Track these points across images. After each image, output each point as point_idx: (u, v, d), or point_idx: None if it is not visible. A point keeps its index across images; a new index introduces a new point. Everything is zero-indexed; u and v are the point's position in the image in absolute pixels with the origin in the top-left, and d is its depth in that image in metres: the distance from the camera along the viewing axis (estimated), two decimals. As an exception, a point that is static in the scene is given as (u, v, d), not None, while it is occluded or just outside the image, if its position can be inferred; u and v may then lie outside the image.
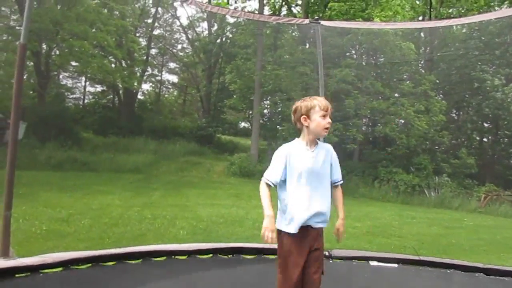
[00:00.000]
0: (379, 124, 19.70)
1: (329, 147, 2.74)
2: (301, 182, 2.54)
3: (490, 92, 19.98)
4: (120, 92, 25.36)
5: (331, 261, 3.83)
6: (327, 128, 2.61)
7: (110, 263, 3.06)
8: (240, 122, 32.13)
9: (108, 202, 8.94)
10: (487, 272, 3.62)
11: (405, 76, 21.44)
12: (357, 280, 3.41)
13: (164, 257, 3.27)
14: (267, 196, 2.48)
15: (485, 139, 24.52)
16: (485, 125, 23.86)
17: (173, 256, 3.35)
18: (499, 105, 19.91)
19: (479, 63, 21.11)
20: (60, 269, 2.80)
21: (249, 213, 9.27)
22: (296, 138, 2.72)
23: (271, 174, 2.57)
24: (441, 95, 23.57)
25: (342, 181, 2.81)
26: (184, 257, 3.38)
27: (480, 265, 3.79)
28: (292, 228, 2.53)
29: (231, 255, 3.59)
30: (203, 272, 3.17)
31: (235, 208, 9.82)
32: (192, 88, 31.90)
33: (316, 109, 2.60)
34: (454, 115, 25.70)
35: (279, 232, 2.62)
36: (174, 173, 16.71)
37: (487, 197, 17.03)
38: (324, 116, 2.59)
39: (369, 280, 3.48)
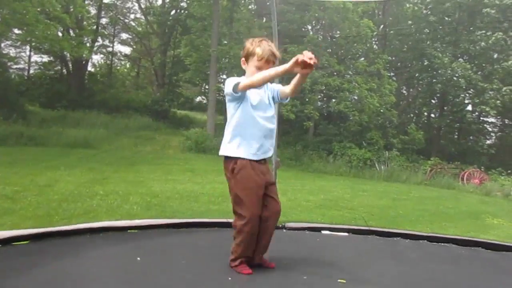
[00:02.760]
0: (333, 100, 20.11)
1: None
2: (255, 112, 2.51)
3: (439, 70, 20.85)
4: (69, 63, 24.11)
5: (284, 231, 3.92)
6: None
7: (56, 239, 2.94)
8: (196, 96, 31.65)
9: (57, 178, 8.58)
10: (430, 239, 3.84)
11: (359, 54, 21.86)
12: (310, 244, 3.53)
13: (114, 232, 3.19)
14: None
15: (432, 115, 25.72)
16: (433, 101, 24.98)
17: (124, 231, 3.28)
18: (447, 82, 20.85)
19: (429, 41, 21.88)
20: None
21: (205, 188, 9.25)
22: (243, 76, 2.61)
23: (236, 79, 2.47)
24: (392, 73, 24.32)
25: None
26: (135, 231, 3.32)
27: (423, 233, 4.02)
28: (252, 154, 2.54)
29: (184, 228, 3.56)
30: (155, 241, 3.14)
31: (190, 184, 9.74)
32: (146, 61, 30.89)
33: (255, 58, 2.49)
34: (404, 91, 26.66)
35: (230, 159, 2.58)
36: (128, 148, 16.28)
37: (432, 170, 18.00)
38: (259, 68, 2.47)
39: (321, 243, 3.62)
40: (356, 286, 2.53)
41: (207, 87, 23.85)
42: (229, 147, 2.61)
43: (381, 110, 19.69)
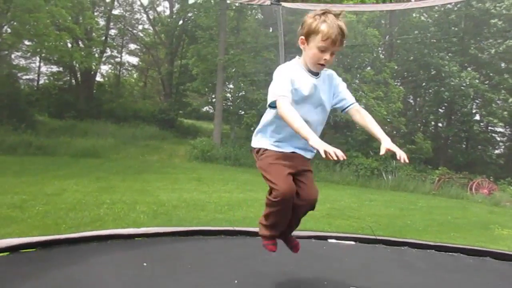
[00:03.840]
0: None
1: (330, 73, 2.33)
2: (301, 109, 2.16)
3: (446, 79, 20.80)
4: (78, 73, 24.38)
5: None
6: (321, 65, 2.14)
7: (63, 247, 2.97)
8: (202, 106, 31.79)
9: (65, 187, 8.65)
10: (438, 248, 3.81)
11: (366, 63, 21.89)
12: (316, 252, 3.53)
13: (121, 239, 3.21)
14: (298, 115, 2.02)
15: (439, 124, 25.59)
16: (440, 110, 24.89)
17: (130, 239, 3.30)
18: (455, 91, 20.78)
19: (436, 51, 21.87)
20: (7, 253, 2.69)
21: (211, 197, 9.26)
22: (297, 57, 2.27)
23: (283, 87, 2.09)
24: (399, 82, 24.28)
25: (356, 102, 2.41)
26: (142, 239, 3.34)
27: (431, 242, 3.99)
28: (281, 148, 2.31)
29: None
30: (161, 247, 3.16)
31: (196, 193, 9.77)
32: (153, 71, 31.14)
33: (318, 36, 2.07)
34: (411, 101, 26.58)
35: (259, 150, 2.38)
36: (135, 158, 16.37)
37: (440, 180, 17.84)
38: (323, 50, 2.10)
39: (327, 252, 3.62)
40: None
41: (213, 96, 23.96)
42: (254, 139, 2.49)
43: (388, 119, 19.62)
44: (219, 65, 19.44)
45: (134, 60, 32.83)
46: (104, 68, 29.82)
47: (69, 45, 21.14)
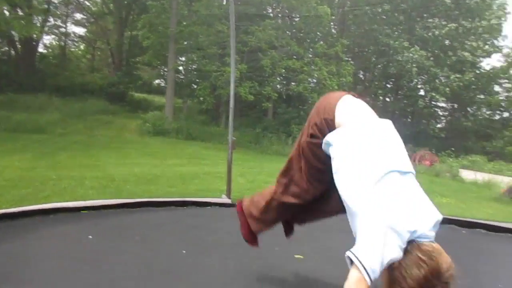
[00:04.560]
0: (293, 83, 20.31)
1: None
2: None
3: (394, 55, 21.49)
4: (17, 43, 22.81)
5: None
6: None
7: (4, 221, 2.85)
8: (154, 79, 30.95)
9: (5, 163, 8.19)
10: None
11: (318, 37, 22.10)
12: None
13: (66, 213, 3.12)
14: None
15: (387, 99, 26.57)
16: (388, 86, 25.79)
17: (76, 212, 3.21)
18: (402, 67, 21.54)
19: (385, 27, 22.44)
20: None
21: (164, 171, 9.16)
22: None
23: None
24: (350, 57, 24.79)
25: None
26: (86, 212, 3.26)
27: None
28: None
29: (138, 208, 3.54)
30: (108, 220, 3.10)
31: (148, 167, 9.61)
32: (102, 42, 29.74)
33: None
34: (361, 75, 27.30)
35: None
36: (83, 133, 15.77)
37: (386, 152, 18.63)
38: None
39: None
40: (314, 261, 2.61)
41: (165, 69, 23.37)
42: None
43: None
44: (171, 37, 18.89)
45: (80, 30, 31.17)
46: (48, 39, 28.13)
47: (6, 12, 19.62)
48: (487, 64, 25.96)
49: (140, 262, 2.38)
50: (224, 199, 4.16)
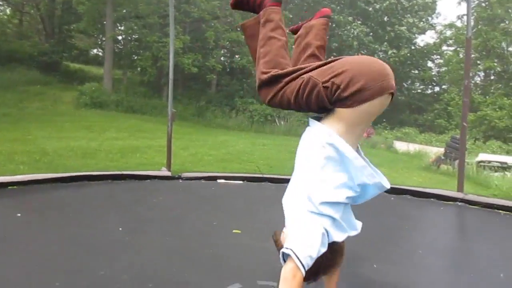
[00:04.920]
0: (237, 56, 20.14)
1: None
2: None
3: (336, 29, 21.90)
4: None
5: (180, 181, 3.97)
6: None
7: None
8: (91, 48, 29.27)
9: None
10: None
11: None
12: (205, 193, 3.64)
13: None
14: None
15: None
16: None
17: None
18: (342, 41, 22.05)
19: (327, 2, 22.72)
20: None
21: (102, 145, 8.85)
22: None
23: None
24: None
25: None
26: (15, 187, 3.09)
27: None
28: None
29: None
30: (39, 196, 2.96)
31: (86, 141, 9.23)
32: (30, 7, 27.44)
33: None
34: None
35: None
36: (12, 105, 14.68)
37: (327, 125, 19.27)
38: None
39: (216, 192, 3.74)
40: (250, 235, 2.67)
41: (103, 38, 22.15)
42: None
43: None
44: (108, 3, 17.84)
45: (5, -8, 28.43)
46: (-34, 1, 25.52)
47: None
48: (421, 40, 27.33)
49: (73, 241, 2.30)
50: (164, 172, 4.12)
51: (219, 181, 4.04)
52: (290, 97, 1.67)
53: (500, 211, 3.50)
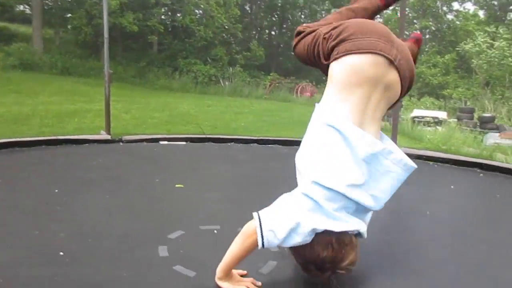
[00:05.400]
0: (178, 14, 19.41)
1: None
2: None
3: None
4: None
5: (121, 144, 3.88)
6: None
7: None
8: (16, 4, 26.77)
9: None
10: (260, 142, 4.27)
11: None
12: (147, 154, 3.59)
13: None
14: None
15: (272, 32, 27.05)
16: (274, 19, 26.14)
17: None
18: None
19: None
20: None
21: (36, 110, 8.35)
22: None
23: None
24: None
25: None
26: None
27: (253, 137, 4.43)
28: None
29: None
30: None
31: (17, 106, 8.65)
32: None
33: None
34: (247, 8, 27.10)
35: None
36: None
37: (271, 85, 19.39)
38: None
39: (158, 153, 3.71)
40: (193, 188, 2.69)
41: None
42: None
43: (226, 26, 19.83)
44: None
45: None
46: None
47: None
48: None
49: (1, 204, 2.20)
50: (103, 135, 3.98)
51: (161, 142, 3.98)
52: (305, 48, 1.65)
53: (429, 161, 3.78)
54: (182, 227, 1.93)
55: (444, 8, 26.51)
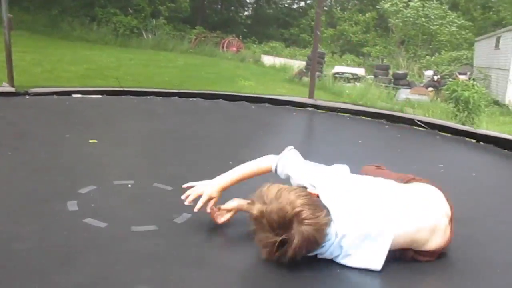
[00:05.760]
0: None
1: None
2: None
3: None
4: None
5: (27, 97, 3.60)
6: None
7: None
8: None
9: None
10: (180, 95, 4.19)
11: None
12: (57, 108, 3.38)
13: None
14: None
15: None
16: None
17: None
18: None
19: None
20: None
21: None
22: None
23: None
24: None
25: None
26: None
27: (175, 90, 4.33)
28: None
29: None
30: None
31: None
32: None
33: None
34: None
35: None
36: None
37: (197, 39, 18.86)
38: None
39: (70, 107, 3.51)
40: (108, 143, 2.59)
41: None
42: None
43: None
44: None
45: None
46: None
47: None
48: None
49: None
50: (6, 88, 3.64)
51: (74, 96, 3.75)
52: None
53: (344, 114, 3.98)
54: (94, 183, 1.86)
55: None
